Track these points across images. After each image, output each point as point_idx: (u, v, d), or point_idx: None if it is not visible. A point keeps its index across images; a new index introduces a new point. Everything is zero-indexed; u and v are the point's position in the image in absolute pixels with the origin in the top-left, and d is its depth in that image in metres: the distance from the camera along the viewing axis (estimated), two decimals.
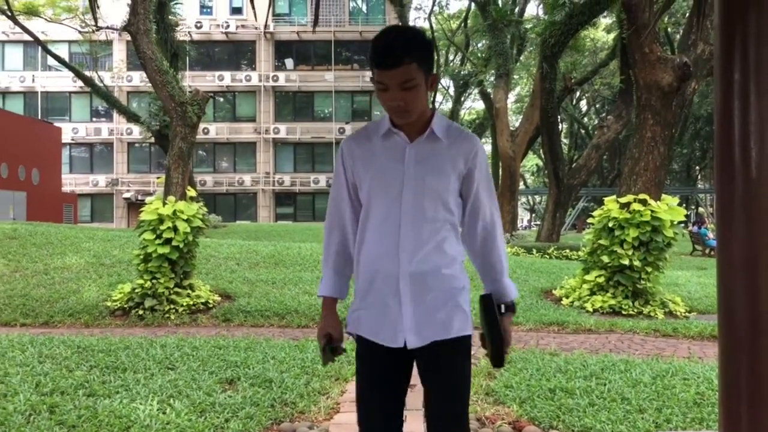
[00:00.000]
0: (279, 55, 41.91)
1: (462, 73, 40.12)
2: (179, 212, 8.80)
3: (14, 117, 30.90)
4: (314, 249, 13.50)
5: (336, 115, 41.32)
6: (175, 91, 9.17)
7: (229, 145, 41.47)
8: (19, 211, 28.57)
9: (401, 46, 2.06)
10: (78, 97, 41.01)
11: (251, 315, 8.56)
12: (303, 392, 4.70)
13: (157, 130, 27.02)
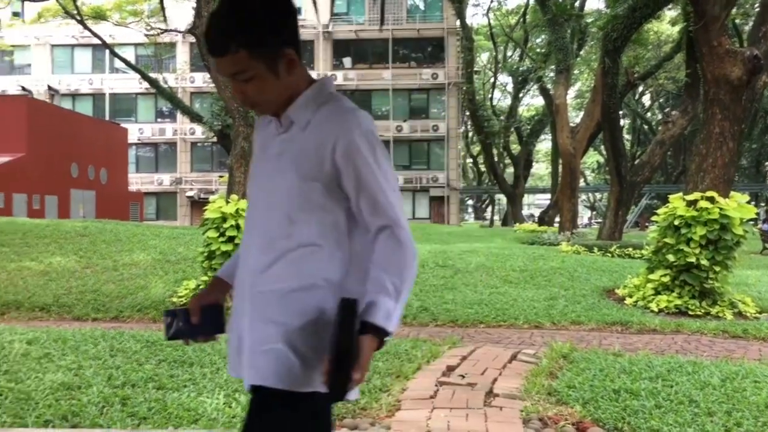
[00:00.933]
0: (337, 54, 42.23)
1: (521, 69, 39.67)
2: (242, 211, 8.97)
3: (84, 118, 32.02)
4: None
5: (394, 113, 41.39)
6: None
7: None
8: (89, 209, 29.60)
9: (222, 29, 1.64)
10: (144, 98, 42.19)
11: None
12: (364, 389, 4.74)
13: (219, 130, 27.58)
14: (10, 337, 5.87)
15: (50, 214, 26.30)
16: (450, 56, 41.16)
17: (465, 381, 4.93)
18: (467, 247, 15.52)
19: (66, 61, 42.63)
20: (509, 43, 44.16)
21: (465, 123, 48.10)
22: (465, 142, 53.09)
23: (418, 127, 40.90)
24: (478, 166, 60.20)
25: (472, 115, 38.33)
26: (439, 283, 10.35)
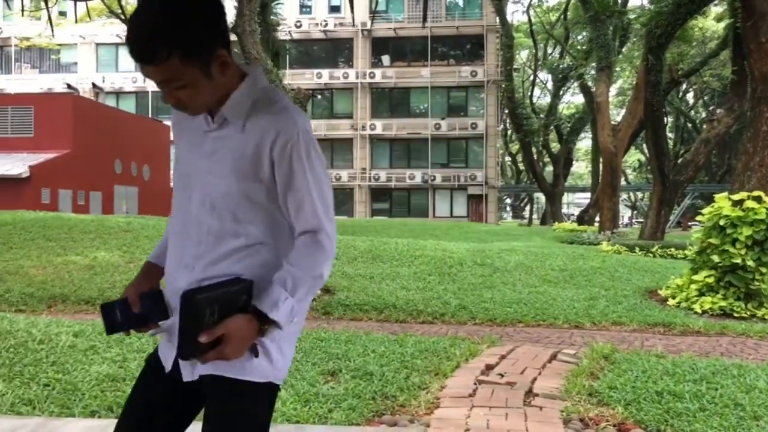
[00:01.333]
0: (376, 52, 42.30)
1: (561, 67, 39.26)
2: None
3: (127, 116, 32.64)
4: (411, 244, 13.56)
5: (432, 111, 41.30)
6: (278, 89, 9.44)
7: (326, 142, 42.22)
8: (131, 205, 30.16)
9: (150, 33, 1.53)
10: None
11: (350, 309, 8.71)
12: (403, 386, 4.75)
13: None
14: (57, 329, 6.02)
15: (94, 209, 26.87)
16: (489, 54, 40.92)
17: (504, 380, 4.91)
18: (506, 245, 15.42)
19: (110, 60, 43.48)
20: (549, 41, 43.74)
21: (504, 121, 47.79)
22: (504, 140, 52.76)
23: (457, 125, 40.74)
24: (516, 164, 59.77)
25: (511, 113, 38.06)
26: (477, 282, 10.31)
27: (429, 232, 22.99)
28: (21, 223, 14.23)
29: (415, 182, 40.71)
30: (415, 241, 14.97)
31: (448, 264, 11.55)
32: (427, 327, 7.89)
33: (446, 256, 12.15)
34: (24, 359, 5.07)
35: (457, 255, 12.32)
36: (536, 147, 41.52)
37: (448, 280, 10.43)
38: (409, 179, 40.77)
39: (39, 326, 6.07)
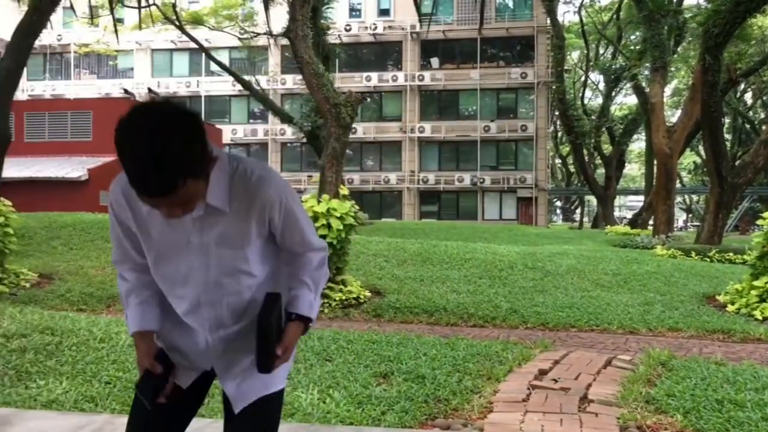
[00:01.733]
0: (425, 55, 42.26)
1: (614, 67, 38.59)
2: (333, 210, 9.12)
3: None
4: (460, 247, 13.51)
5: (481, 113, 41.06)
6: (330, 93, 9.52)
7: (375, 144, 42.37)
8: None
9: (163, 174, 1.60)
10: (237, 100, 43.50)
11: (401, 311, 8.72)
12: (456, 390, 4.74)
13: (309, 131, 28.10)
14: (116, 328, 6.18)
15: None
16: (539, 55, 40.48)
17: (558, 385, 4.85)
18: (557, 249, 15.23)
19: (165, 65, 44.48)
20: (602, 41, 43.06)
21: (554, 123, 47.20)
22: (554, 142, 52.10)
23: (506, 127, 40.41)
24: (567, 166, 58.95)
25: (561, 114, 37.55)
26: (528, 285, 10.21)
27: (478, 234, 22.85)
28: (81, 224, 14.66)
29: (464, 185, 40.52)
30: (465, 243, 14.91)
31: (498, 267, 11.47)
32: (478, 331, 7.85)
33: (496, 259, 12.06)
34: (86, 357, 5.23)
35: (507, 258, 12.22)
36: (587, 149, 40.85)
37: (498, 283, 10.35)
38: (457, 182, 40.60)
39: (99, 325, 6.25)
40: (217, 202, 1.84)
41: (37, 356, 5.13)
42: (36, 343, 5.38)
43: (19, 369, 4.86)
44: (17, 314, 6.18)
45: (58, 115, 27.29)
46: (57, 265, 11.23)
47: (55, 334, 5.69)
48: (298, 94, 36.65)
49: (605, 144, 45.00)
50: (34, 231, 13.59)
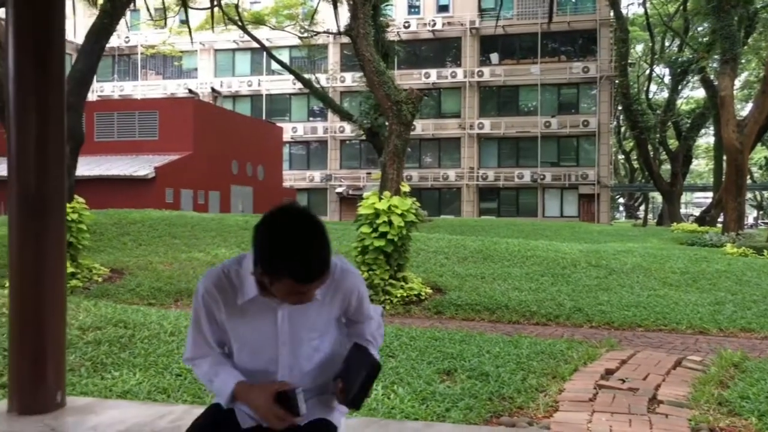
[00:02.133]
0: (484, 50, 41.90)
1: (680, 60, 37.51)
2: (394, 207, 9.15)
3: (243, 118, 33.94)
4: (522, 245, 13.37)
5: (542, 109, 40.47)
6: (391, 90, 9.54)
7: (434, 141, 42.26)
8: (247, 204, 31.34)
9: (328, 252, 1.94)
10: (297, 98, 44.02)
11: (462, 308, 8.70)
12: (520, 388, 4.70)
13: (368, 128, 28.24)
14: (185, 322, 6.34)
15: (213, 208, 28.12)
16: (602, 49, 39.65)
17: (626, 385, 4.76)
18: (621, 246, 14.91)
19: (228, 65, 45.35)
20: (667, 33, 41.88)
21: (617, 117, 46.16)
22: (617, 137, 50.96)
23: (568, 123, 39.73)
24: (630, 162, 57.61)
25: (625, 109, 36.71)
26: (592, 284, 10.04)
27: (539, 232, 22.56)
28: (149, 221, 15.10)
29: (524, 181, 40.05)
30: (526, 241, 14.75)
31: (561, 265, 11.31)
32: (541, 329, 7.76)
33: (559, 257, 11.90)
34: (157, 350, 5.38)
35: (570, 256, 12.04)
36: (652, 144, 39.80)
37: (561, 281, 10.21)
38: (517, 178, 40.16)
39: (169, 319, 6.43)
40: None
41: (111, 348, 5.31)
42: (110, 336, 5.56)
43: (95, 360, 5.04)
44: (92, 307, 6.41)
45: (126, 115, 28.16)
46: (127, 260, 11.60)
47: (128, 327, 5.88)
48: (357, 91, 36.83)
49: (671, 139, 43.77)
50: (105, 227, 14.07)
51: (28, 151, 2.59)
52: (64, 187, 2.70)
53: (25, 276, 2.60)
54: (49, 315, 2.63)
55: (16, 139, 2.59)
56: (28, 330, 2.61)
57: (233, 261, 2.13)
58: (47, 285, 2.59)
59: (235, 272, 2.08)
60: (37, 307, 2.60)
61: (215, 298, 2.09)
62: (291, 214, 1.92)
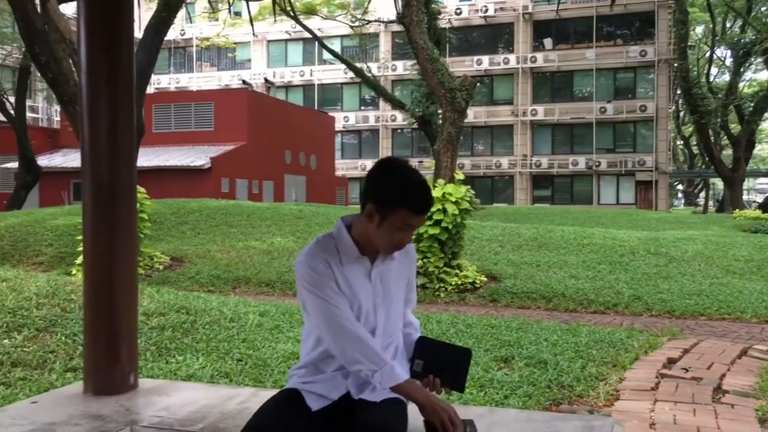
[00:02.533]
0: (537, 36, 41.26)
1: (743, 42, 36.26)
2: (448, 195, 9.13)
3: (296, 108, 34.25)
4: (578, 232, 13.18)
5: (597, 94, 39.69)
6: (444, 78, 9.50)
7: (486, 129, 41.90)
8: (300, 193, 31.67)
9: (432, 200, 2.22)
10: (348, 87, 44.19)
11: (518, 296, 8.64)
12: (579, 376, 4.66)
13: (420, 116, 28.15)
14: (244, 309, 6.47)
15: (267, 197, 28.50)
16: (660, 31, 38.59)
17: (689, 375, 4.68)
18: (681, 234, 14.55)
19: (280, 55, 45.77)
20: (729, 14, 40.50)
21: (676, 102, 44.95)
22: (676, 122, 49.63)
23: (624, 108, 38.87)
24: (690, 147, 56.08)
25: (685, 93, 35.71)
26: (651, 272, 9.84)
27: (594, 219, 22.19)
28: (206, 210, 15.41)
29: (579, 168, 39.40)
30: (582, 228, 14.53)
31: (618, 253, 11.12)
32: (599, 317, 7.66)
33: (616, 245, 11.69)
34: (218, 335, 5.51)
35: (628, 243, 11.82)
36: (713, 129, 38.62)
37: (619, 269, 10.04)
38: (572, 165, 39.53)
39: (229, 305, 6.56)
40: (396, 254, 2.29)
41: (174, 333, 5.46)
42: (173, 322, 5.71)
43: (159, 345, 5.19)
44: (155, 294, 6.59)
45: (182, 107, 28.73)
46: (186, 248, 11.88)
47: (190, 313, 6.02)
48: (408, 80, 36.73)
49: (733, 123, 42.40)
50: (164, 216, 14.42)
51: (100, 140, 2.68)
52: (134, 175, 2.79)
53: (99, 261, 2.70)
54: (122, 299, 2.73)
55: (89, 129, 2.68)
56: (102, 313, 2.71)
57: (322, 236, 2.28)
58: (120, 270, 2.69)
59: (329, 241, 2.25)
60: (111, 291, 2.70)
61: (327, 264, 2.21)
62: (405, 162, 2.21)
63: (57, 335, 5.01)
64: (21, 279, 6.26)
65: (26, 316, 5.21)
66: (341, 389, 2.26)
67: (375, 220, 2.14)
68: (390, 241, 2.17)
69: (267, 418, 2.14)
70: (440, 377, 2.15)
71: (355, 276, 2.23)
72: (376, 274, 2.26)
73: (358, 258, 2.24)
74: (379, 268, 2.27)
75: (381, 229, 2.14)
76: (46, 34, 9.81)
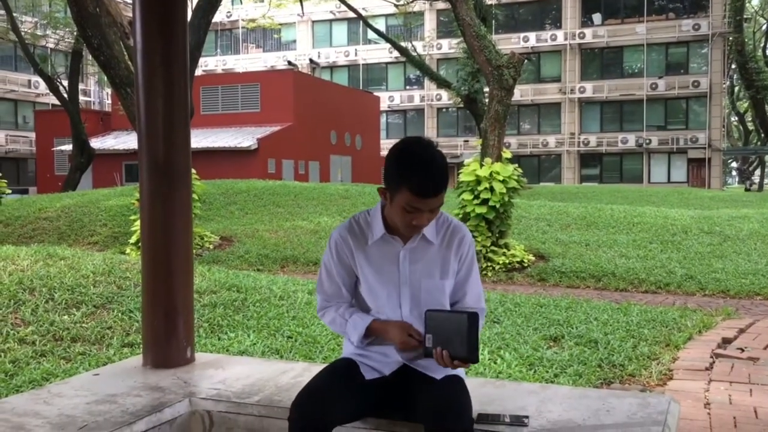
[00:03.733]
0: (586, 11, 40.36)
1: None
2: (495, 173, 9.06)
3: (341, 89, 34.28)
4: (627, 211, 12.96)
5: (648, 70, 38.71)
6: (492, 55, 9.39)
7: (533, 107, 41.32)
8: (345, 173, 31.79)
9: (446, 177, 2.15)
10: (393, 67, 44.02)
11: (566, 276, 8.56)
12: (631, 355, 4.60)
13: (466, 95, 27.90)
14: (293, 287, 6.56)
15: (313, 178, 28.70)
16: (714, 4, 37.35)
17: (745, 355, 4.58)
18: (735, 212, 14.18)
19: (325, 35, 45.78)
20: None
21: (730, 77, 43.60)
22: (730, 98, 48.17)
23: (676, 84, 37.86)
24: (745, 124, 54.43)
25: (740, 67, 34.61)
26: (705, 251, 9.63)
27: (645, 198, 21.77)
28: (254, 191, 15.61)
29: (628, 146, 38.61)
30: (632, 207, 14.28)
31: (670, 232, 10.90)
32: (651, 297, 7.54)
33: (668, 224, 11.46)
34: (268, 313, 5.60)
35: (680, 222, 11.57)
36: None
37: (671, 248, 9.85)
38: (621, 143, 38.75)
39: (278, 284, 6.66)
40: (429, 235, 2.28)
41: (226, 311, 5.57)
42: (224, 299, 5.83)
43: (211, 322, 5.30)
44: (206, 272, 6.72)
45: (229, 89, 29.03)
46: (235, 228, 12.06)
47: (240, 291, 6.13)
48: (454, 58, 36.40)
49: None
50: (213, 197, 14.66)
51: (157, 121, 2.73)
52: (189, 155, 2.84)
53: (156, 239, 2.76)
54: (179, 275, 2.80)
55: (145, 110, 2.74)
56: (159, 288, 2.78)
57: (363, 211, 2.36)
58: (176, 247, 2.75)
59: (364, 218, 2.33)
60: (168, 267, 2.77)
61: (347, 242, 2.31)
62: (420, 141, 2.19)
63: (114, 312, 5.16)
64: (78, 257, 6.44)
65: (84, 293, 5.37)
66: (393, 366, 2.31)
67: (387, 201, 2.19)
68: (402, 221, 2.18)
69: (321, 382, 2.21)
70: (449, 348, 2.12)
71: (381, 255, 2.29)
72: (405, 254, 2.29)
73: (386, 237, 2.28)
74: (410, 249, 2.29)
75: (393, 209, 2.18)
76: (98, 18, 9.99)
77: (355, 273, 2.34)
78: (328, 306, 2.38)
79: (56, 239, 11.68)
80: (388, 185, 2.16)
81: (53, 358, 4.37)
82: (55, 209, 13.77)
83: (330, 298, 2.38)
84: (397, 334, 2.21)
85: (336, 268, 2.34)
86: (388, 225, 2.27)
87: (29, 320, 4.84)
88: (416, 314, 2.30)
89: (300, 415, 2.08)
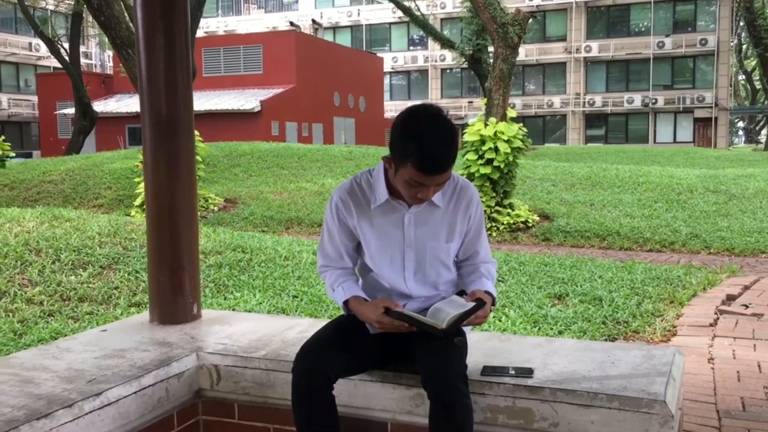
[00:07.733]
0: None
1: None
2: (500, 133, 9.00)
3: (344, 50, 33.93)
4: (633, 171, 12.89)
5: (655, 28, 38.18)
6: (496, 12, 9.26)
7: (537, 67, 40.90)
8: (349, 135, 31.65)
9: (453, 152, 2.04)
10: (397, 27, 43.49)
11: (571, 235, 8.56)
12: (635, 312, 4.62)
13: (470, 55, 27.59)
14: (298, 248, 6.57)
15: (316, 140, 28.58)
16: None
17: (749, 311, 4.60)
18: (741, 171, 14.09)
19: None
20: None
21: (739, 35, 42.96)
22: (737, 56, 47.55)
23: (683, 42, 37.36)
24: (752, 83, 53.84)
25: (748, 25, 34.04)
26: (710, 209, 9.61)
27: (650, 158, 21.65)
28: (257, 153, 15.56)
29: (634, 106, 38.28)
30: (637, 167, 14.20)
31: (676, 191, 10.87)
32: (655, 255, 7.54)
33: (673, 183, 11.42)
34: (274, 273, 5.62)
35: (685, 181, 11.53)
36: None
37: (676, 207, 9.83)
38: (627, 103, 38.42)
39: (283, 244, 6.68)
40: (435, 197, 2.18)
41: (231, 271, 5.59)
42: (230, 260, 5.85)
43: (217, 282, 5.33)
44: (211, 233, 6.73)
45: (231, 50, 28.76)
46: (239, 190, 12.06)
47: (246, 252, 6.15)
48: (458, 17, 35.90)
49: None
50: (217, 159, 14.62)
51: (158, 74, 2.70)
52: (191, 107, 2.82)
53: (160, 193, 2.76)
54: (184, 230, 2.79)
55: (146, 63, 2.71)
56: (165, 243, 2.78)
57: (364, 171, 2.28)
58: (181, 201, 2.75)
59: (366, 180, 2.26)
60: (173, 222, 2.77)
61: (348, 206, 2.25)
62: (427, 110, 2.08)
63: (120, 272, 5.19)
64: (83, 219, 6.46)
65: (90, 254, 5.39)
66: None
67: (392, 170, 2.11)
68: (406, 193, 2.12)
69: (326, 335, 2.22)
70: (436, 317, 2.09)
71: (384, 219, 2.24)
72: (410, 218, 2.23)
73: (390, 201, 2.21)
74: (414, 213, 2.23)
75: (397, 179, 2.10)
76: None
77: (357, 237, 2.29)
78: (327, 268, 2.36)
79: (61, 202, 11.71)
80: (393, 157, 2.07)
81: (61, 317, 4.41)
82: (59, 172, 13.77)
83: (330, 261, 2.34)
84: (372, 312, 2.15)
85: (337, 231, 2.29)
86: (392, 188, 2.19)
87: (36, 281, 4.87)
88: (419, 277, 2.28)
89: (304, 366, 2.09)
